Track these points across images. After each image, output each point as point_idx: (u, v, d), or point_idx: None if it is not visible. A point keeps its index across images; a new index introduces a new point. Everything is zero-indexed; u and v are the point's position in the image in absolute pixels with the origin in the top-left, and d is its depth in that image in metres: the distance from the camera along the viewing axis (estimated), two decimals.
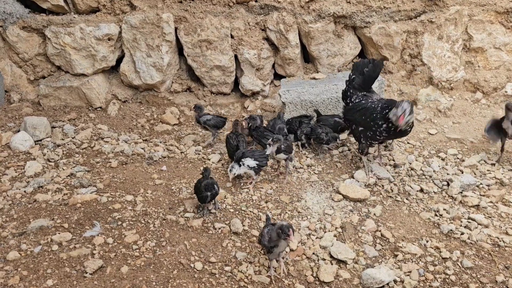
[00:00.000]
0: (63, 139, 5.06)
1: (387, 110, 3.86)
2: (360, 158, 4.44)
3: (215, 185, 3.66)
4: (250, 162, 4.06)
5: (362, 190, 3.97)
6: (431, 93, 5.66)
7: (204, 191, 3.62)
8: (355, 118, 4.21)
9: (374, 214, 3.76)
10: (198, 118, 4.86)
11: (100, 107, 5.83)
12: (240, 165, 4.06)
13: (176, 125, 5.54)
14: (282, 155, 4.36)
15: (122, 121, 5.60)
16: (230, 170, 4.05)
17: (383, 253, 3.34)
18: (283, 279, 3.09)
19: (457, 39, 5.62)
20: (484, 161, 4.52)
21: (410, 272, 3.13)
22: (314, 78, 5.46)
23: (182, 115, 5.73)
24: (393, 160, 4.50)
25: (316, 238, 3.47)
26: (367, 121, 4.03)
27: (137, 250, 3.34)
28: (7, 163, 4.58)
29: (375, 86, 4.55)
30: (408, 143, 4.90)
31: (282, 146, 4.35)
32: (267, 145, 4.44)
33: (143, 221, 3.67)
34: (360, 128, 4.15)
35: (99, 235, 3.49)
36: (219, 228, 3.59)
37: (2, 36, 5.76)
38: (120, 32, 5.69)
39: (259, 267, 3.19)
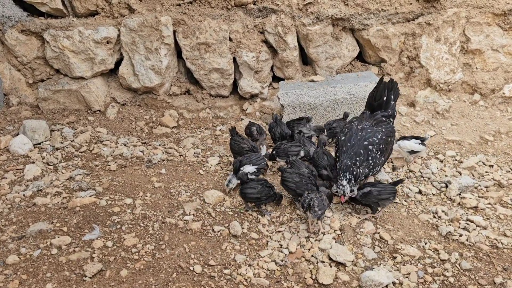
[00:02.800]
0: (62, 143, 5.06)
1: None
2: None
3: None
4: (249, 168, 4.04)
5: None
6: (429, 95, 5.68)
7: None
8: None
9: (373, 216, 3.76)
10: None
11: (99, 110, 5.84)
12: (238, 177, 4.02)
13: (175, 128, 5.54)
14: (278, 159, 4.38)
15: (121, 124, 5.60)
16: (227, 185, 4.02)
17: (382, 255, 3.35)
18: (282, 282, 3.10)
19: (455, 41, 5.64)
20: (483, 162, 4.53)
21: (409, 274, 3.14)
22: (312, 81, 5.48)
23: (181, 118, 5.73)
24: (392, 162, 4.51)
25: (315, 240, 3.47)
26: None
27: (137, 254, 3.34)
28: (6, 167, 4.58)
29: (372, 87, 4.39)
30: None
31: (275, 151, 4.39)
32: (259, 146, 4.49)
33: (142, 224, 3.67)
34: None
35: (99, 238, 3.49)
36: (218, 231, 3.59)
37: (0, 40, 5.76)
38: (118, 35, 5.69)
39: (258, 269, 3.20)
